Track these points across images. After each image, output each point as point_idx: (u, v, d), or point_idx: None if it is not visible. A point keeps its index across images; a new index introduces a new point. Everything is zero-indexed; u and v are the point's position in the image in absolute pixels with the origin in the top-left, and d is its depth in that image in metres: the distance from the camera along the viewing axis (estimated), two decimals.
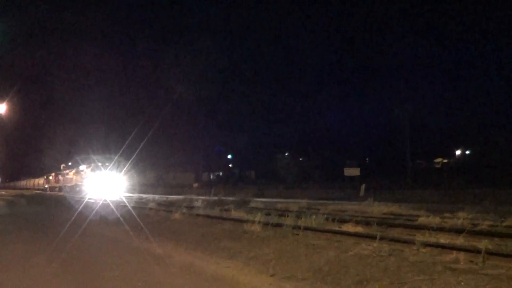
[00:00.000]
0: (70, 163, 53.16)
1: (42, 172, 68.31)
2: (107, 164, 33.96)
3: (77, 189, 39.85)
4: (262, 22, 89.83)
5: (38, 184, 67.93)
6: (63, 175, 49.66)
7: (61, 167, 54.09)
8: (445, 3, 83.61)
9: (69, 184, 45.31)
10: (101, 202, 21.31)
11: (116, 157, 33.49)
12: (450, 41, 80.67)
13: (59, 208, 22.88)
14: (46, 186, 60.41)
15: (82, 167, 39.55)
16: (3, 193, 56.91)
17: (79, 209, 17.63)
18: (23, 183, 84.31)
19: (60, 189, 49.75)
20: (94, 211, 16.51)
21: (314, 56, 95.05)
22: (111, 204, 19.38)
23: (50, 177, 58.50)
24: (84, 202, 21.56)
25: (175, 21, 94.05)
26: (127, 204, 20.99)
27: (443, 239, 8.08)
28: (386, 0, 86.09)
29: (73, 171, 44.05)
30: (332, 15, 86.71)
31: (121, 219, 14.10)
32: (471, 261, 5.96)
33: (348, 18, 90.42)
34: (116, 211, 16.17)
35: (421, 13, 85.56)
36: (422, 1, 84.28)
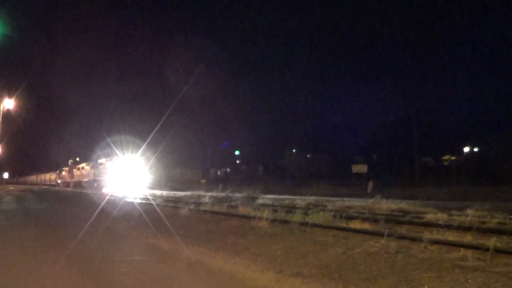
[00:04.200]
0: (78, 159, 53.05)
1: (52, 167, 68.04)
2: (128, 158, 33.41)
3: (95, 184, 38.39)
4: (269, 18, 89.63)
5: (50, 179, 65.91)
6: (79, 169, 47.41)
7: (69, 162, 53.86)
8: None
9: (85, 179, 43.49)
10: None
11: (139, 152, 33.15)
12: (458, 37, 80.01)
13: (71, 205, 23.03)
14: (59, 181, 58.11)
15: (102, 160, 38.21)
16: (11, 188, 57.06)
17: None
18: (32, 178, 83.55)
19: (75, 184, 47.62)
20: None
21: (322, 53, 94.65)
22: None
23: (63, 172, 56.04)
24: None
25: (179, 19, 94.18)
26: (140, 200, 21.12)
27: (451, 236, 8.04)
28: None
29: (90, 164, 42.26)
30: (339, 12, 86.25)
31: (131, 214, 14.22)
32: (479, 259, 5.93)
33: (355, 15, 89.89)
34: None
35: (429, 9, 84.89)
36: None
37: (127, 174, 33.30)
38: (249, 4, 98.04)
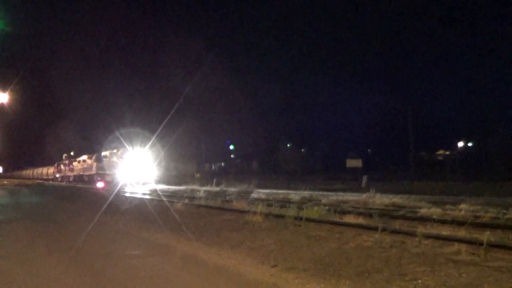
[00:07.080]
0: (72, 153, 52.52)
1: (48, 161, 67.08)
2: (133, 151, 32.94)
3: (98, 178, 36.86)
4: (265, 14, 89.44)
5: (47, 173, 62.85)
6: (79, 162, 45.28)
7: (63, 157, 53.29)
8: None
9: (87, 173, 41.73)
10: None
11: (144, 145, 32.74)
12: (452, 33, 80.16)
13: (69, 200, 22.91)
14: (57, 175, 55.06)
15: (105, 152, 37.14)
16: (5, 182, 56.71)
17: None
18: (28, 172, 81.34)
19: (75, 178, 45.80)
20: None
21: (317, 49, 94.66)
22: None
23: (62, 166, 53.17)
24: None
25: (178, 16, 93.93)
26: (138, 195, 21.05)
27: (445, 231, 8.05)
28: None
29: (93, 157, 40.54)
30: (335, 8, 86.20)
31: (127, 208, 14.19)
32: (473, 253, 5.94)
33: (351, 12, 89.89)
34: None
35: (425, 5, 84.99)
36: None
37: (129, 167, 33.00)
38: (246, 4, 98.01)
